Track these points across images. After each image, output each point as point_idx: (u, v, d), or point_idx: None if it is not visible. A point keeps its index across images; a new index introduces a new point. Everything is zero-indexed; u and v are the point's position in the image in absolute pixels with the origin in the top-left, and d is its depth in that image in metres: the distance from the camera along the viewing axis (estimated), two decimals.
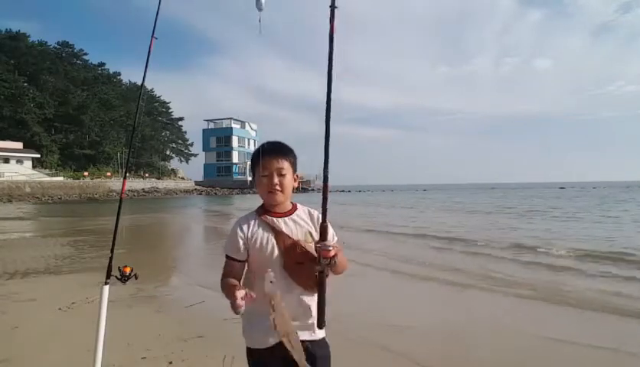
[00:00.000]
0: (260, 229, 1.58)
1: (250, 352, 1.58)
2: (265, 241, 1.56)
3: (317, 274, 1.47)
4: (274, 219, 1.59)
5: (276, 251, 1.54)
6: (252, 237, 1.57)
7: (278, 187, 1.56)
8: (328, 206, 1.57)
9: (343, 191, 71.91)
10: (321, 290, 1.49)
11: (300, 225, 1.60)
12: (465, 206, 29.03)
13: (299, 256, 1.53)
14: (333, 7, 1.56)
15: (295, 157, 1.65)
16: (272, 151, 1.59)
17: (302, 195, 53.50)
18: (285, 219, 1.60)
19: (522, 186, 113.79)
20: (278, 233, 1.56)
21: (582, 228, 13.87)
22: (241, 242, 1.57)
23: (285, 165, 1.58)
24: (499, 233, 12.71)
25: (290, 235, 1.56)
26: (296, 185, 1.65)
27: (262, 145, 1.60)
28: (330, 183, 1.64)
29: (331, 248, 1.43)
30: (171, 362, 3.29)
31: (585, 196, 39.93)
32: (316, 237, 1.57)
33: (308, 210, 1.67)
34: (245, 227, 1.59)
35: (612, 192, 52.34)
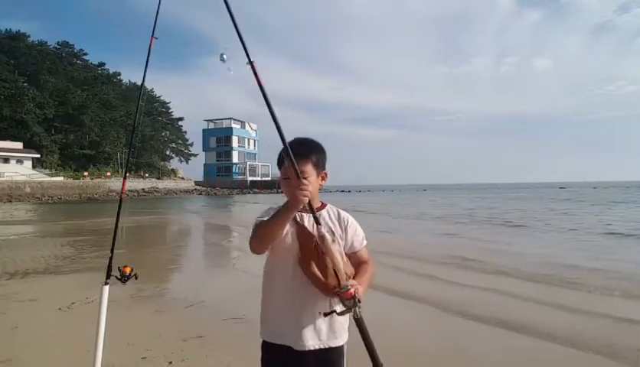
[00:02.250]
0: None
1: (263, 343, 1.64)
2: (286, 233, 1.54)
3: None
4: (300, 212, 1.58)
5: (295, 245, 1.54)
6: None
7: None
8: (319, 213, 1.56)
9: (343, 191, 71.87)
10: (361, 331, 1.47)
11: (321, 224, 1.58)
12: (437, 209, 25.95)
13: (314, 253, 1.50)
14: (251, 63, 1.58)
15: (318, 154, 1.60)
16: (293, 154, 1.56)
17: None
18: (310, 216, 1.58)
19: (522, 187, 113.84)
20: (300, 227, 1.56)
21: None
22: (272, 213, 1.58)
23: (308, 168, 1.55)
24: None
25: (310, 231, 1.55)
26: (323, 183, 1.62)
27: (287, 146, 1.57)
28: (330, 182, 1.64)
29: (349, 288, 1.39)
30: (171, 362, 3.29)
31: (568, 199, 36.97)
32: (340, 238, 1.56)
33: (338, 211, 1.66)
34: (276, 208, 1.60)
35: (611, 192, 52.33)
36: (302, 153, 1.55)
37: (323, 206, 1.65)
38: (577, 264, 7.79)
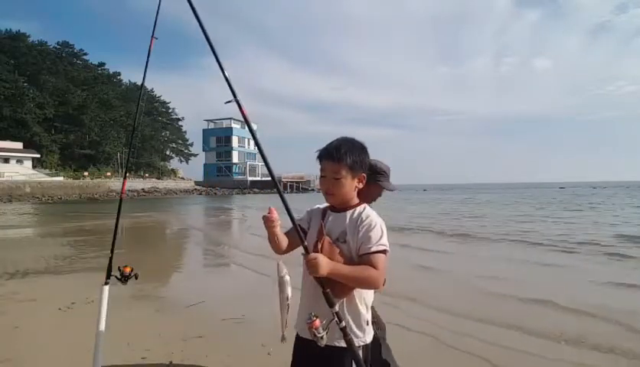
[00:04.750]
0: (317, 218, 1.71)
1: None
2: (313, 229, 1.70)
3: None
4: (328, 211, 1.70)
5: (314, 240, 1.64)
6: (312, 220, 1.74)
7: (330, 191, 1.65)
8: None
9: None
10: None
11: (340, 223, 1.63)
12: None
13: (319, 251, 1.57)
14: (237, 100, 1.77)
15: (357, 156, 1.62)
16: (327, 155, 1.63)
17: (302, 195, 53.31)
18: (337, 214, 1.67)
19: (521, 186, 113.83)
20: (321, 226, 1.66)
21: None
22: (306, 217, 1.77)
23: (342, 171, 1.60)
24: None
25: (327, 230, 1.63)
26: (360, 186, 1.65)
27: (328, 145, 1.65)
28: None
29: (313, 319, 1.48)
30: (171, 362, 3.29)
31: (551, 201, 34.08)
32: (350, 239, 1.58)
33: (363, 210, 1.65)
34: (313, 210, 1.78)
35: (608, 192, 52.33)
36: (335, 156, 1.61)
37: (356, 205, 1.67)
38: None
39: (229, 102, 1.77)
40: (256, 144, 1.75)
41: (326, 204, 1.74)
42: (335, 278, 1.49)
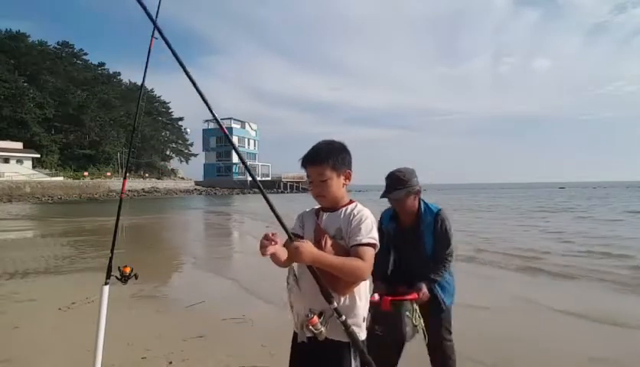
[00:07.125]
0: (310, 219, 1.74)
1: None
2: (309, 230, 1.72)
3: None
4: (321, 212, 1.72)
5: (312, 240, 1.63)
6: (305, 223, 1.76)
7: (320, 194, 1.67)
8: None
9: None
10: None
11: (335, 220, 1.65)
12: None
13: (323, 249, 1.59)
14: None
15: (337, 155, 1.64)
16: (309, 160, 1.65)
17: (302, 195, 53.31)
18: (329, 213, 1.69)
19: (522, 186, 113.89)
20: (317, 224, 1.68)
21: None
22: (298, 222, 1.79)
23: (326, 172, 1.63)
24: None
25: (325, 229, 1.65)
26: (348, 182, 1.69)
27: (307, 151, 1.67)
28: None
29: (311, 317, 1.53)
30: (171, 362, 3.29)
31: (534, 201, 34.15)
32: (345, 235, 1.60)
33: (355, 207, 1.67)
34: (304, 214, 1.80)
35: (605, 192, 52.31)
36: (317, 160, 1.64)
37: (346, 204, 1.69)
38: None
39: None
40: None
41: (318, 206, 1.76)
42: (321, 267, 1.50)
